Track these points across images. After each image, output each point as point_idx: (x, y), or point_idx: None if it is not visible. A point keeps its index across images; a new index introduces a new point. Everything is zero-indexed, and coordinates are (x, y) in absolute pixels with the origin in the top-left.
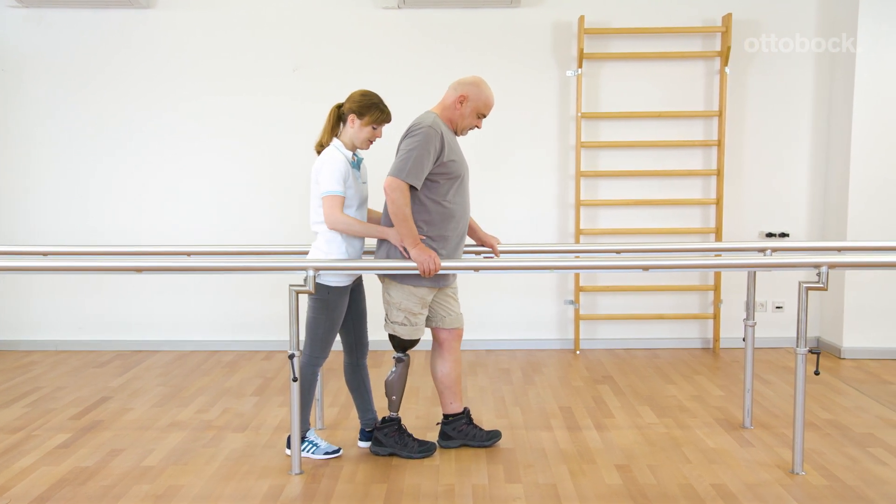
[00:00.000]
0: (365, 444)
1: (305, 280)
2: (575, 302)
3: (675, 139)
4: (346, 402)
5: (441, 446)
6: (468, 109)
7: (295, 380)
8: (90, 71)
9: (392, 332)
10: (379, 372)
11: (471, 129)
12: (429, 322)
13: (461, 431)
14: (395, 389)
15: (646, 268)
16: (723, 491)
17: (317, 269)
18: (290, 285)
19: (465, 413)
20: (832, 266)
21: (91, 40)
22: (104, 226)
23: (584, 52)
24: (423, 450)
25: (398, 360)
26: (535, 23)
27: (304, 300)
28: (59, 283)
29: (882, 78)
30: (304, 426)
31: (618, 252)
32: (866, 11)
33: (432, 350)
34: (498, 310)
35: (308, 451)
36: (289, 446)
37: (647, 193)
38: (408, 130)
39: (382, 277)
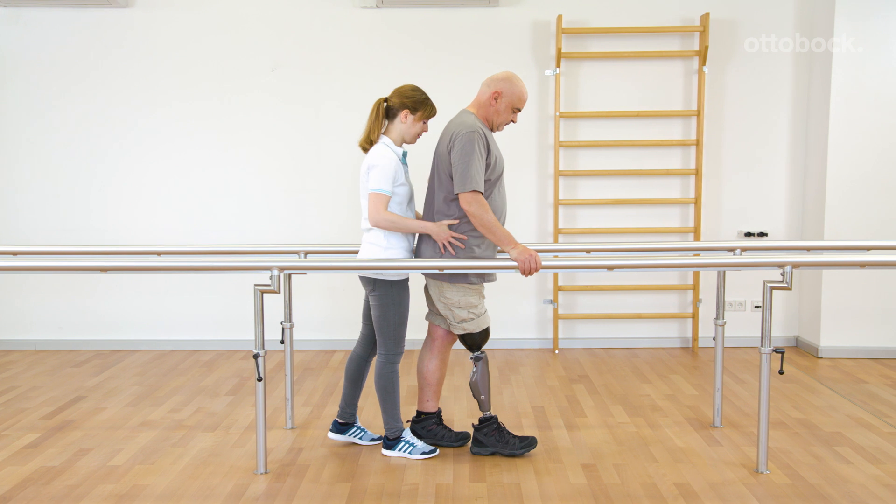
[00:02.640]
0: (334, 436)
1: (271, 279)
2: (554, 301)
3: (654, 138)
4: (319, 402)
5: None
6: (503, 105)
7: (260, 379)
8: (69, 70)
9: (463, 332)
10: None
11: (506, 124)
12: (434, 317)
13: (430, 431)
14: (483, 388)
15: (610, 267)
16: (685, 490)
17: (281, 269)
18: (255, 285)
19: (437, 414)
20: (795, 266)
21: (69, 40)
22: (90, 225)
23: (563, 51)
24: (525, 445)
25: (476, 360)
26: (513, 22)
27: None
28: (40, 283)
29: (859, 77)
30: (399, 426)
31: (587, 252)
32: (843, 11)
33: (424, 344)
34: None
35: (405, 452)
36: (386, 447)
37: (625, 193)
38: (452, 137)
39: (433, 283)
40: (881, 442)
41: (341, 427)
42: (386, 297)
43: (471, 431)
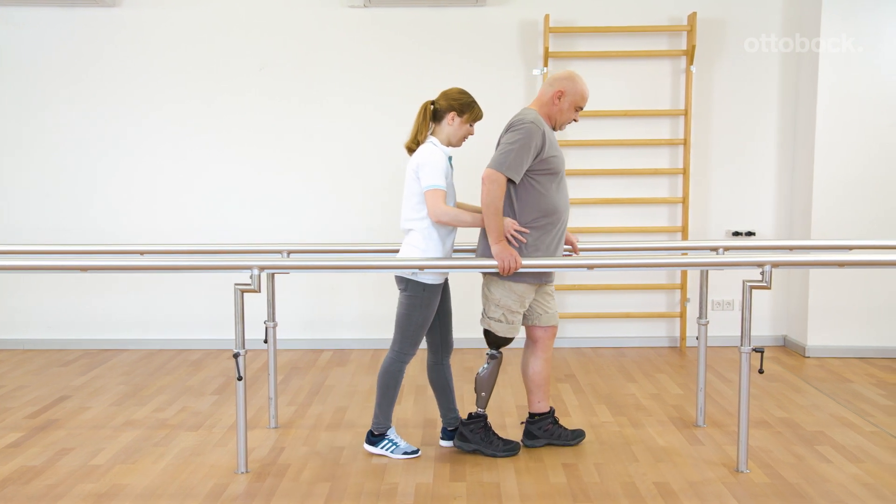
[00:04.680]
0: (447, 444)
1: (251, 278)
2: None
3: (642, 138)
4: (304, 402)
5: (526, 445)
6: (566, 104)
7: (240, 378)
8: (58, 70)
9: (487, 328)
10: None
11: (568, 123)
12: (525, 320)
13: (547, 431)
14: (486, 386)
15: (590, 266)
16: (664, 489)
17: (262, 269)
18: (236, 284)
19: (551, 413)
20: (774, 265)
21: (57, 39)
22: (79, 225)
23: (550, 50)
24: (508, 449)
25: (491, 357)
26: (500, 21)
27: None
28: (29, 282)
29: (846, 77)
30: (387, 424)
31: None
32: (830, 11)
33: (525, 347)
34: (465, 308)
35: (387, 450)
36: (368, 443)
37: (613, 192)
38: (509, 125)
39: (484, 273)
40: (862, 441)
41: (451, 433)
42: (416, 298)
43: (586, 430)
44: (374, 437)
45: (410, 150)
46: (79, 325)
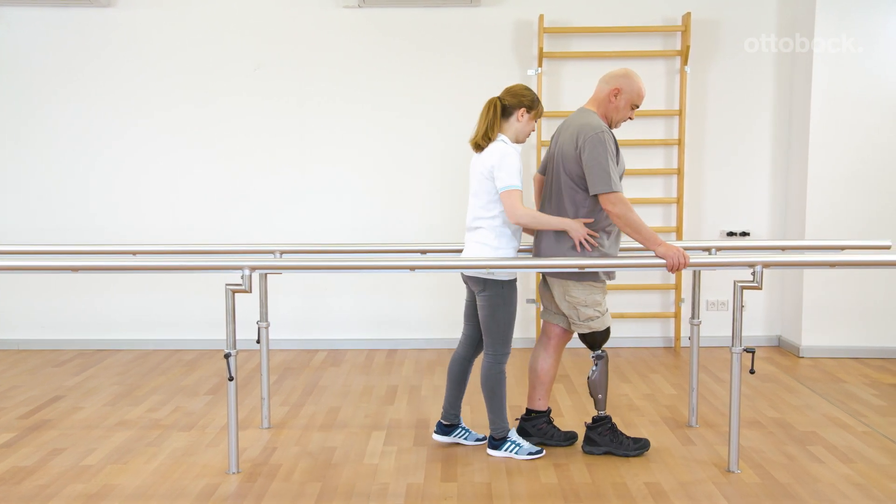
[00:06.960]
0: (440, 438)
1: (242, 279)
2: (536, 301)
3: (636, 138)
4: (297, 402)
5: None
6: (622, 102)
7: (231, 379)
8: (52, 70)
9: (589, 331)
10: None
11: (624, 121)
12: (552, 316)
13: (540, 430)
14: (600, 387)
15: (581, 267)
16: (655, 489)
17: (253, 269)
18: (227, 284)
19: (548, 412)
20: (765, 265)
21: (51, 39)
22: (74, 225)
23: (545, 51)
24: (638, 447)
25: (597, 358)
26: (495, 22)
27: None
28: (22, 282)
29: (840, 77)
30: (505, 426)
31: None
32: (824, 11)
33: (539, 342)
34: (460, 308)
35: (511, 452)
36: (491, 447)
37: None
38: (583, 138)
39: (558, 283)
40: (854, 441)
41: (446, 428)
42: (497, 296)
43: (579, 431)
44: (496, 441)
45: (480, 146)
46: (73, 326)
